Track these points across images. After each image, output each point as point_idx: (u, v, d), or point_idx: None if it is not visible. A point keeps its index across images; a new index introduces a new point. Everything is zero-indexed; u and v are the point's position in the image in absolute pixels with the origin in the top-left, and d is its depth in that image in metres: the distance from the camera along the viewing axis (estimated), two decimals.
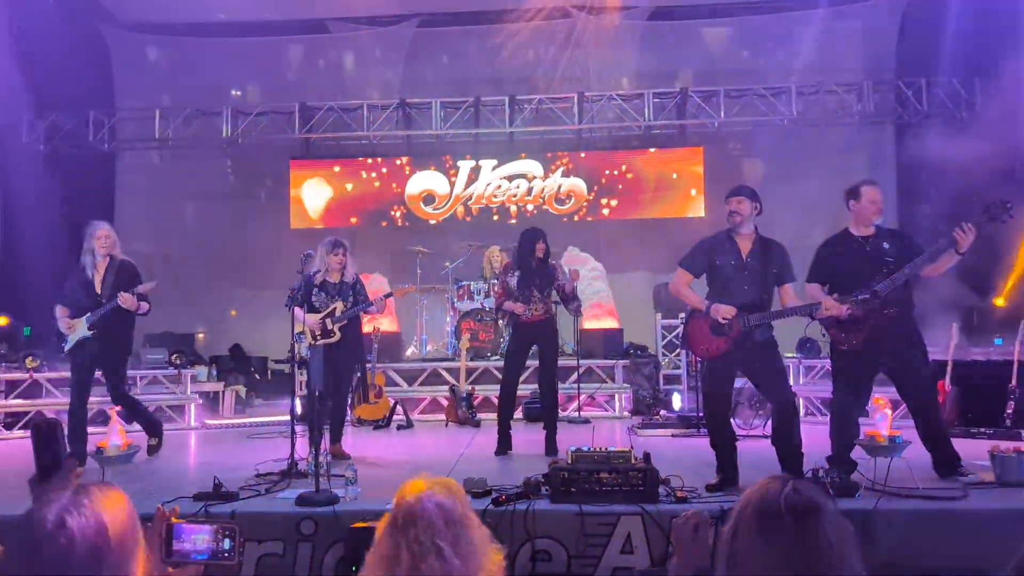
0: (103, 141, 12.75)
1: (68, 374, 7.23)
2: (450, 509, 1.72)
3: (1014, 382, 7.08)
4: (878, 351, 5.10)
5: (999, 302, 9.72)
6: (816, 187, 12.17)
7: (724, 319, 5.06)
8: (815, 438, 5.55)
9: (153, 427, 6.96)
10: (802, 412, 8.98)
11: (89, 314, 6.47)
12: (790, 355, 9.26)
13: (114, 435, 4.82)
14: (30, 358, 8.90)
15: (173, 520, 1.79)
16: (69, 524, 1.41)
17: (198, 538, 1.78)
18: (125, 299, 6.44)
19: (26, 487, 2.12)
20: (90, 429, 6.78)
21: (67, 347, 6.56)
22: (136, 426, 7.08)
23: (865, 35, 12.40)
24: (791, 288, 5.23)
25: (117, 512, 1.47)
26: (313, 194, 13.16)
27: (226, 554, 1.78)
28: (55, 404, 8.56)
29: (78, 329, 6.48)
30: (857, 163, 12.10)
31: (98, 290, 6.56)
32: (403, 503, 1.73)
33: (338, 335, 6.49)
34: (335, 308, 6.54)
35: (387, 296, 7.16)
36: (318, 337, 6.50)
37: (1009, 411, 7.02)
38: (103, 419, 8.49)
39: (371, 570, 1.70)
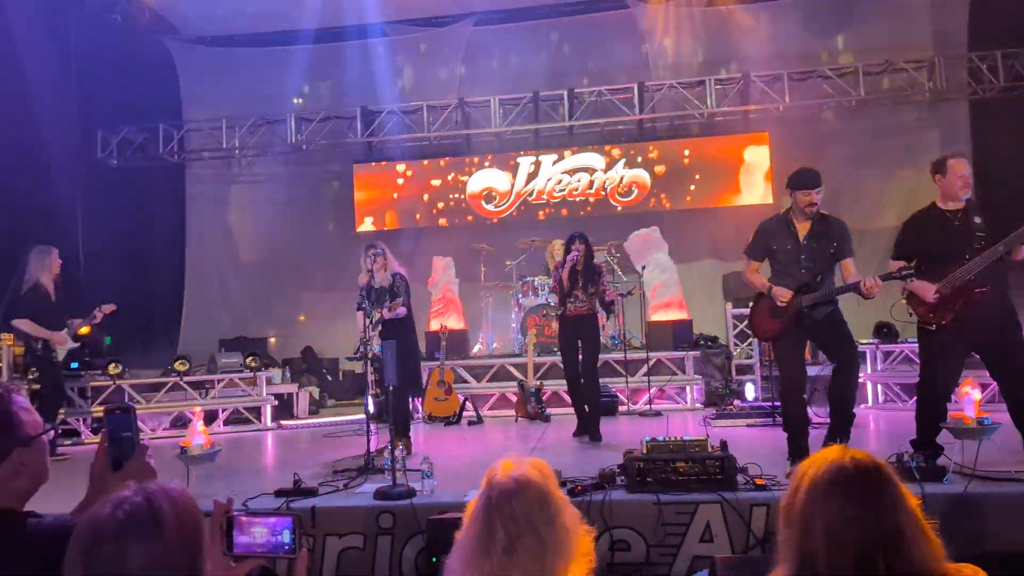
0: (173, 153, 13.09)
1: (144, 380, 7.88)
2: (544, 489, 1.70)
3: None
4: (969, 330, 4.90)
5: None
6: (887, 168, 11.86)
7: (781, 302, 5.15)
8: (897, 424, 5.41)
9: None
10: (881, 398, 8.81)
11: (69, 326, 7.65)
12: (866, 341, 9.02)
13: (197, 435, 4.92)
14: (112, 365, 9.17)
15: (231, 513, 1.78)
16: (123, 524, 1.39)
17: (257, 531, 1.77)
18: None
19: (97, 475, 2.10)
20: (170, 432, 7.00)
21: (60, 358, 7.69)
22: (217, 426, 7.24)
23: (934, 8, 11.99)
24: (851, 264, 5.19)
25: (179, 512, 1.45)
26: (376, 197, 13.29)
27: (286, 547, 1.75)
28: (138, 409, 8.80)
29: (67, 342, 7.70)
30: (929, 142, 11.72)
31: None
32: (497, 482, 1.71)
33: (376, 341, 6.40)
34: (377, 318, 6.53)
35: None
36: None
37: None
38: (183, 421, 8.75)
39: (463, 550, 1.69)
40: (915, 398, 5.29)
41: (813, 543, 1.56)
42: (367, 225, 13.19)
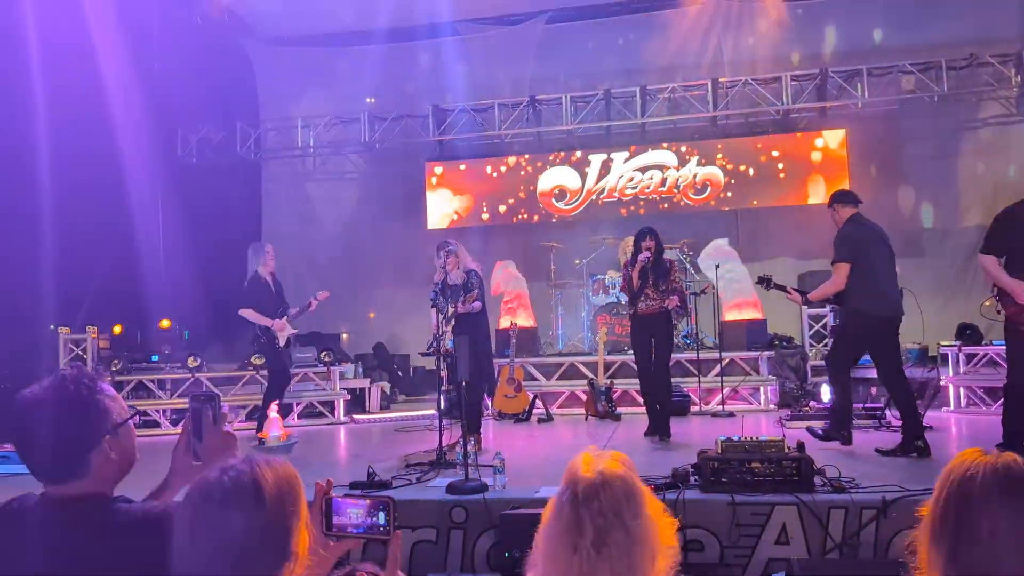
0: (250, 151, 13.41)
1: (221, 373, 8.67)
2: (629, 482, 1.69)
3: None
4: None
5: None
6: (970, 165, 11.46)
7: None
8: (980, 428, 5.24)
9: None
10: (963, 402, 8.51)
11: (288, 315, 7.66)
12: (948, 343, 8.74)
13: (274, 427, 5.04)
14: (191, 358, 9.44)
15: (330, 494, 1.85)
16: (228, 490, 1.47)
17: (354, 512, 1.83)
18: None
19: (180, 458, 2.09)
20: (246, 424, 7.28)
21: (282, 344, 7.57)
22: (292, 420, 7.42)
23: None
24: (834, 268, 5.93)
25: (280, 485, 1.52)
26: (447, 194, 13.38)
27: (381, 528, 1.82)
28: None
29: (287, 328, 7.53)
30: (1016, 138, 11.28)
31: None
32: (582, 477, 1.69)
33: (449, 335, 6.44)
34: (451, 312, 6.57)
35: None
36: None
37: None
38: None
39: (548, 546, 1.68)
40: (1000, 401, 5.13)
41: (982, 553, 1.51)
42: (439, 222, 13.29)
